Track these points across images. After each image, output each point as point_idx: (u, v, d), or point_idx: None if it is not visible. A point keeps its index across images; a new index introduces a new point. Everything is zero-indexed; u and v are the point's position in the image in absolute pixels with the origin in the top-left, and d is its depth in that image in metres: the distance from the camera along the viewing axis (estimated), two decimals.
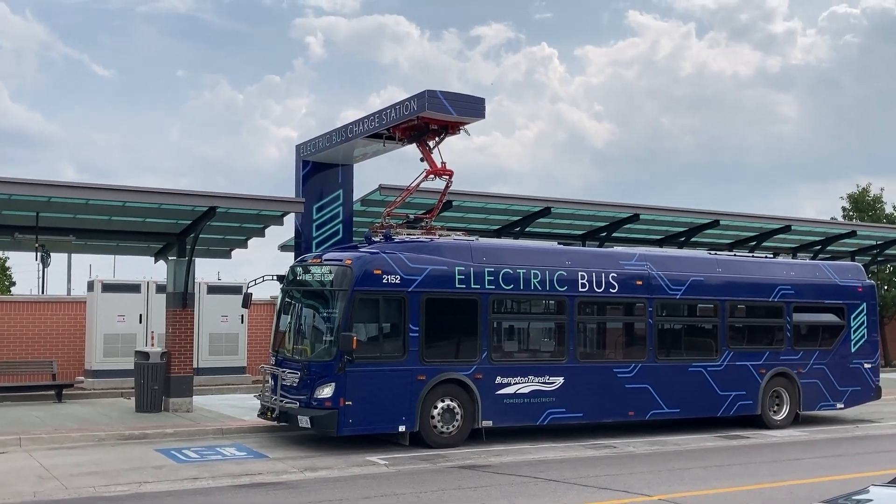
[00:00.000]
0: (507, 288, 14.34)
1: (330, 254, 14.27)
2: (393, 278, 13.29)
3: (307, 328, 14.05)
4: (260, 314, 23.95)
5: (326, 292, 13.52)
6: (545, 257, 15.01)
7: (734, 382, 16.42)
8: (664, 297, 15.92)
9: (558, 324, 14.99)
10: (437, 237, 14.51)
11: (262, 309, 23.99)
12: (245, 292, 15.28)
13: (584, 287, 15.03)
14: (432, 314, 13.54)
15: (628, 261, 15.81)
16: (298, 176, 18.17)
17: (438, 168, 15.07)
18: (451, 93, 14.63)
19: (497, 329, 14.42)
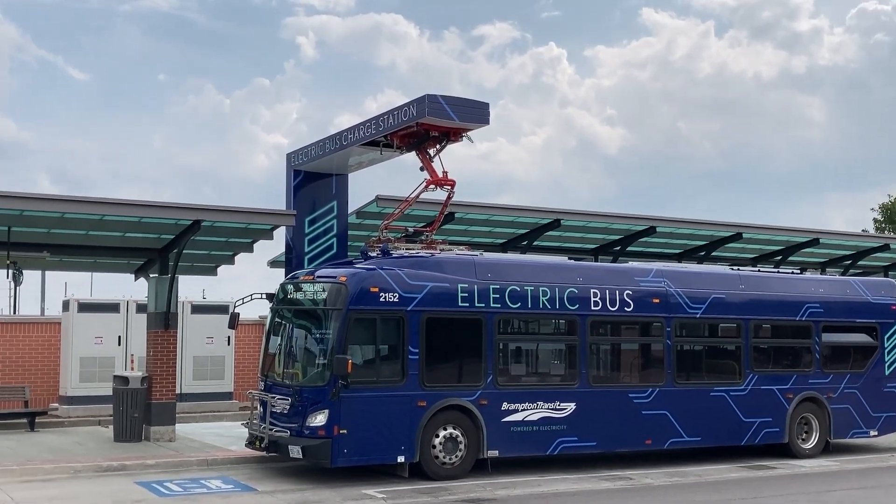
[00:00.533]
0: (514, 306, 14.35)
1: (323, 270, 14.30)
2: (391, 296, 13.31)
3: (299, 350, 14.06)
4: (248, 335, 23.96)
5: (319, 312, 13.54)
6: (555, 273, 15.02)
7: (759, 408, 16.40)
8: (683, 316, 15.92)
9: (569, 345, 14.99)
10: (438, 252, 14.53)
11: (251, 330, 24.00)
12: (232, 312, 15.30)
13: (597, 305, 15.04)
14: (433, 335, 13.55)
15: (644, 277, 15.82)
16: (289, 186, 18.22)
17: (439, 177, 15.12)
18: (452, 97, 14.68)
19: (503, 351, 14.42)
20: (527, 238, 21.17)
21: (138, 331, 20.48)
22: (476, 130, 15.11)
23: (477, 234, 21.18)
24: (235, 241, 18.60)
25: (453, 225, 19.54)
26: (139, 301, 21.19)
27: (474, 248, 15.63)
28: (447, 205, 15.67)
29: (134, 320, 21.39)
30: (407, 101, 14.92)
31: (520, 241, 21.37)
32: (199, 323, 22.35)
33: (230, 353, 22.73)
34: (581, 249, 22.88)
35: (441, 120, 14.56)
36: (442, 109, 14.46)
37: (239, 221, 16.89)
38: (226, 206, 16.61)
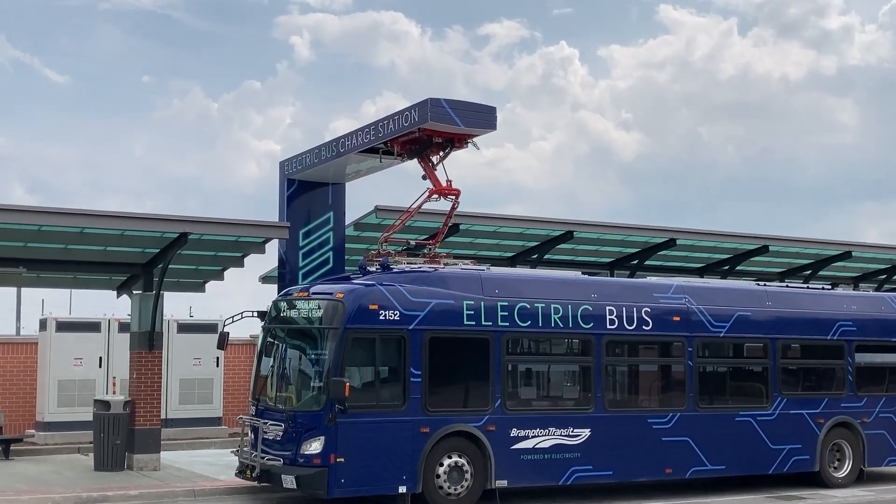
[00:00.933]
0: (524, 325, 14.25)
1: (319, 286, 14.22)
2: (391, 314, 13.22)
3: (292, 373, 13.97)
4: (238, 356, 23.86)
5: (314, 331, 13.45)
6: (567, 289, 14.93)
7: (788, 434, 16.27)
8: (706, 336, 15.81)
9: (583, 366, 14.88)
10: (442, 266, 14.45)
11: (241, 350, 23.90)
12: (221, 331, 15.22)
13: (613, 324, 14.93)
14: (437, 356, 13.45)
15: (664, 293, 15.73)
16: (282, 196, 18.16)
17: (443, 187, 15.05)
18: (456, 101, 14.62)
19: (512, 373, 14.32)
20: (537, 251, 21.08)
21: (121, 351, 20.37)
22: (482, 136, 15.05)
23: (483, 247, 21.09)
24: (224, 255, 18.51)
25: (458, 237, 19.46)
26: (121, 320, 21.11)
27: (480, 263, 15.53)
28: (451, 216, 15.59)
29: (116, 340, 21.31)
30: (408, 104, 14.88)
31: (529, 255, 21.27)
32: (186, 343, 22.26)
33: (219, 375, 22.63)
34: (595, 263, 22.77)
35: (444, 125, 14.50)
36: (445, 114, 14.40)
37: (228, 234, 16.82)
38: (214, 217, 16.53)
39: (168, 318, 21.50)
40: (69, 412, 20.71)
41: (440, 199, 15.21)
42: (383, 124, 15.41)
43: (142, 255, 17.63)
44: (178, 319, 22.64)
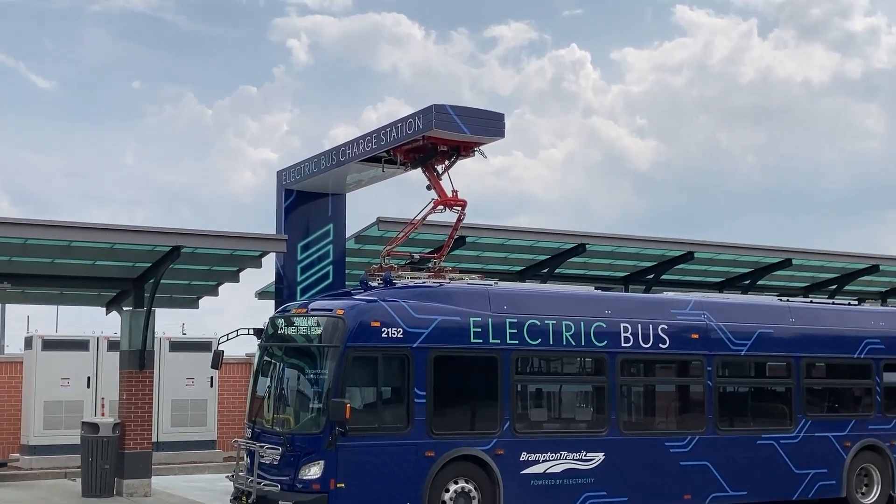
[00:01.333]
0: (534, 343, 14.29)
1: (318, 302, 14.27)
2: (394, 332, 13.26)
3: (290, 393, 14.00)
4: (233, 376, 23.92)
5: (313, 349, 13.49)
6: (579, 305, 14.97)
7: (813, 458, 16.26)
8: (726, 354, 15.84)
9: (597, 387, 14.91)
10: (447, 281, 14.50)
11: (236, 370, 23.97)
12: (215, 350, 15.25)
13: (628, 342, 14.97)
14: (442, 375, 13.48)
15: (681, 309, 15.76)
16: (280, 208, 18.24)
17: (449, 197, 15.11)
18: (463, 107, 14.70)
19: (522, 393, 14.35)
20: (547, 265, 21.12)
21: (110, 371, 20.45)
22: (490, 144, 15.11)
23: (491, 260, 21.14)
24: (219, 269, 18.60)
25: (464, 250, 19.51)
26: (111, 338, 21.19)
27: (488, 277, 15.59)
28: (457, 228, 15.64)
29: (105, 359, 21.37)
30: (411, 111, 14.94)
31: (539, 269, 21.31)
32: (179, 362, 22.32)
33: (213, 396, 22.68)
34: (609, 278, 22.80)
35: (450, 133, 14.58)
36: (451, 121, 14.47)
37: (223, 247, 16.90)
38: (208, 230, 16.62)
39: (160, 336, 21.57)
40: (56, 435, 20.77)
41: (445, 210, 15.26)
42: (386, 132, 15.48)
43: (132, 270, 17.72)
44: (171, 337, 22.71)
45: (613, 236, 20.89)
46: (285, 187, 18.17)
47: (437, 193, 15.19)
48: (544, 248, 20.59)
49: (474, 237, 18.95)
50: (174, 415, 22.25)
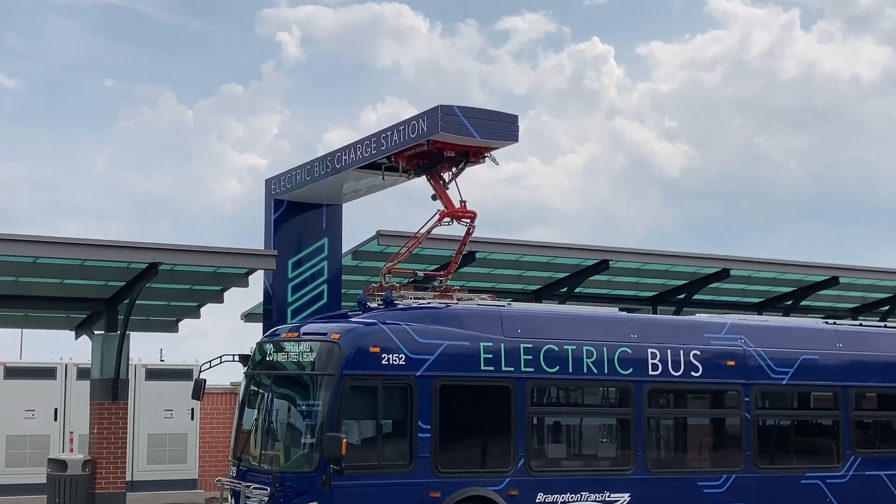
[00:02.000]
0: (551, 371, 14.24)
1: (311, 325, 14.24)
2: (396, 358, 13.22)
3: (280, 427, 13.97)
4: (216, 407, 23.88)
5: (306, 378, 13.46)
6: (602, 329, 14.92)
7: (863, 499, 16.17)
8: (766, 383, 15.76)
9: (621, 419, 14.85)
10: (455, 302, 14.48)
11: (220, 400, 23.92)
12: (196, 378, 15.22)
13: (656, 369, 14.91)
14: (449, 407, 13.43)
15: (716, 333, 15.70)
16: (269, 220, 18.26)
17: (456, 208, 15.10)
18: (472, 108, 14.72)
19: (538, 427, 14.29)
20: (566, 284, 21.10)
21: (79, 402, 20.44)
22: (502, 149, 15.12)
23: (504, 278, 21.12)
24: (201, 288, 18.60)
25: (474, 267, 19.50)
26: (80, 365, 21.17)
27: (500, 297, 15.54)
28: (466, 242, 15.63)
29: (74, 389, 21.35)
30: (415, 112, 14.98)
31: (557, 288, 21.29)
32: (156, 392, 22.29)
33: (194, 429, 22.64)
34: (635, 298, 22.78)
35: (458, 136, 14.59)
36: (459, 123, 14.48)
37: (206, 264, 16.91)
38: (189, 245, 16.65)
39: (135, 363, 21.55)
40: (19, 473, 20.72)
41: (452, 222, 15.25)
42: (386, 136, 15.50)
43: (104, 290, 17.73)
44: (147, 364, 22.70)
45: (640, 252, 20.88)
46: (275, 197, 18.19)
47: (443, 204, 15.17)
48: (563, 264, 20.57)
49: (485, 253, 18.93)
50: (151, 451, 22.20)
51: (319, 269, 18.19)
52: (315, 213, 18.22)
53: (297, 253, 18.09)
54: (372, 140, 15.81)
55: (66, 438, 21.09)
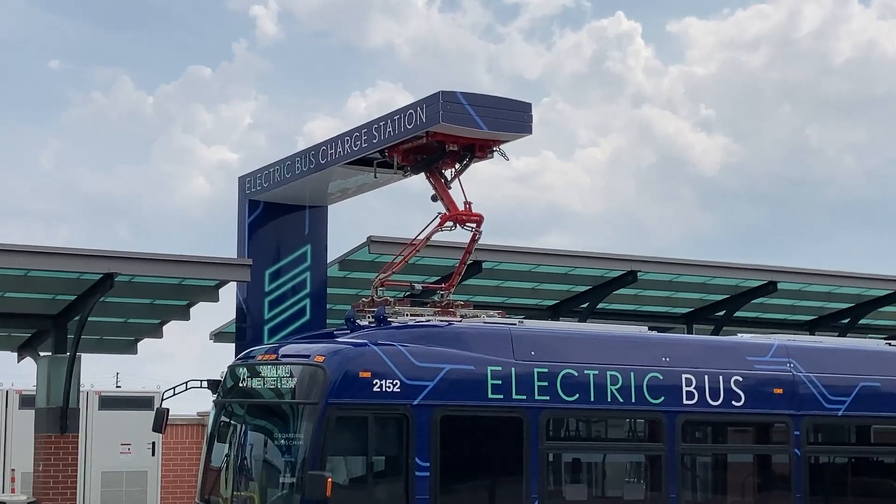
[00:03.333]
0: (570, 400, 14.22)
1: (291, 346, 14.24)
2: (389, 384, 13.20)
3: (255, 464, 13.95)
4: (181, 441, 23.89)
5: (285, 407, 13.45)
6: (629, 351, 14.92)
7: None
8: (819, 414, 15.75)
9: (651, 456, 14.83)
10: (458, 319, 14.47)
11: (186, 433, 23.94)
12: (158, 408, 15.21)
13: (692, 398, 14.89)
14: (452, 442, 13.41)
15: (761, 356, 15.69)
16: (242, 224, 18.26)
17: (460, 211, 15.10)
18: (477, 94, 14.74)
19: (554, 464, 14.28)
20: (587, 299, 21.10)
21: (22, 434, 20.44)
22: (512, 142, 15.11)
23: (515, 292, 21.12)
24: (164, 304, 18.61)
25: (480, 279, 19.50)
26: (23, 391, 21.17)
27: (511, 314, 15.55)
28: (471, 250, 15.62)
29: (16, 419, 21.36)
30: (412, 99, 15.01)
31: (577, 304, 21.29)
32: (111, 423, 22.30)
33: (155, 466, 22.64)
34: (667, 315, 22.77)
35: (462, 127, 14.62)
36: (463, 112, 14.50)
37: (169, 275, 16.92)
38: (150, 253, 16.64)
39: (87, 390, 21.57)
40: None
41: (456, 227, 15.27)
42: (379, 127, 15.50)
43: (52, 304, 17.73)
44: (101, 391, 22.70)
45: (672, 262, 20.88)
46: (249, 198, 18.19)
47: (444, 206, 15.17)
48: (583, 276, 20.56)
49: (493, 262, 18.93)
50: (105, 491, 22.21)
51: (301, 280, 18.19)
52: (296, 216, 18.23)
53: (276, 262, 18.09)
54: (362, 132, 15.82)
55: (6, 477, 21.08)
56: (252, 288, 17.86)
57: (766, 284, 21.21)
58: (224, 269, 17.14)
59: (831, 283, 21.84)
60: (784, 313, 23.51)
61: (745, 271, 21.10)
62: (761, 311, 23.07)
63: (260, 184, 17.98)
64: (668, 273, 20.76)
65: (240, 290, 18.20)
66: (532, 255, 19.61)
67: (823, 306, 23.27)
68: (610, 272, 20.32)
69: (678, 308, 22.85)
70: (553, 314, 21.42)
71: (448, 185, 15.31)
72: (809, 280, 21.60)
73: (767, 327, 22.25)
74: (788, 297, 22.29)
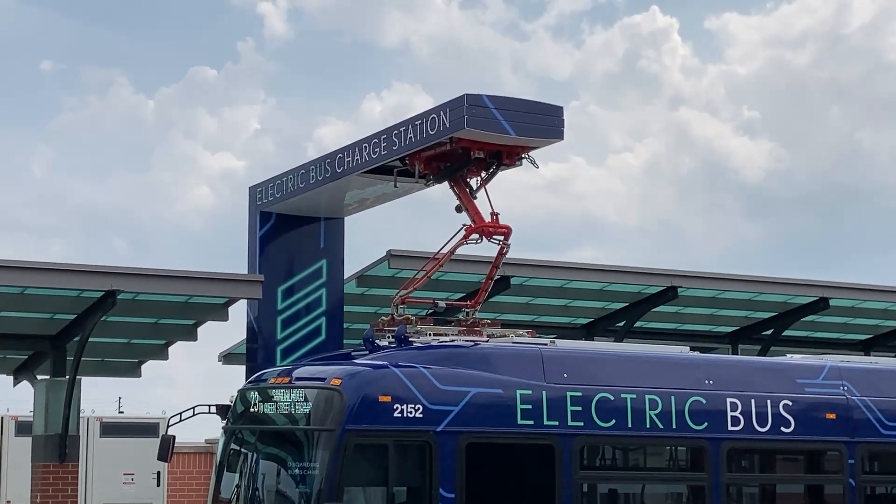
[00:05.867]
0: (606, 426, 14.18)
1: (305, 369, 14.26)
2: (411, 409, 13.19)
3: (267, 495, 13.95)
4: (188, 471, 23.94)
5: (299, 434, 13.45)
6: (670, 373, 14.88)
7: None
8: (875, 441, 15.68)
9: (694, 487, 14.79)
10: (485, 339, 14.46)
11: (193, 462, 23.98)
12: (164, 435, 15.24)
13: (737, 424, 14.84)
14: (478, 471, 13.39)
15: (812, 378, 15.65)
16: (253, 237, 18.29)
17: (486, 223, 15.09)
18: (504, 97, 14.77)
19: (589, 496, 14.22)
20: (624, 317, 21.06)
21: (18, 463, 20.50)
22: (542, 148, 15.10)
23: (546, 310, 21.11)
24: (169, 323, 18.63)
25: (508, 296, 19.48)
26: (20, 417, 21.24)
27: (542, 334, 15.51)
28: (498, 265, 15.61)
29: (12, 447, 21.44)
30: (432, 104, 15.03)
31: (613, 322, 21.26)
32: (113, 451, 22.36)
33: (160, 498, 22.69)
34: (710, 335, 22.72)
35: (488, 133, 14.63)
36: (489, 117, 14.51)
37: (174, 292, 16.95)
38: (153, 268, 16.66)
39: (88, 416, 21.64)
40: None
41: (482, 240, 15.26)
42: (399, 133, 15.51)
43: (50, 324, 17.77)
44: (103, 418, 22.78)
45: (715, 276, 20.84)
46: (261, 209, 18.21)
47: (469, 217, 15.17)
48: (619, 292, 20.53)
49: (522, 278, 18.92)
50: None
51: (316, 298, 18.20)
52: (311, 228, 18.25)
53: (289, 278, 18.11)
54: (381, 138, 15.83)
55: None
56: (264, 306, 17.87)
57: (818, 301, 21.14)
58: (233, 285, 17.16)
59: (888, 299, 21.75)
60: (837, 332, 23.41)
61: (795, 287, 21.04)
62: (812, 330, 22.98)
63: (272, 194, 18.00)
64: (711, 289, 20.72)
65: (250, 309, 18.21)
66: (564, 269, 19.59)
67: (879, 324, 23.18)
68: (648, 288, 20.28)
69: (722, 326, 22.77)
70: (587, 333, 21.39)
71: (473, 194, 15.29)
72: (864, 296, 21.53)
73: (819, 347, 22.16)
74: (841, 314, 22.20)
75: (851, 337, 23.78)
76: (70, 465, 17.38)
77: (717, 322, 22.60)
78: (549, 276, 19.36)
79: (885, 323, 23.10)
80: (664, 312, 21.35)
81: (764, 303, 21.50)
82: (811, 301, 21.20)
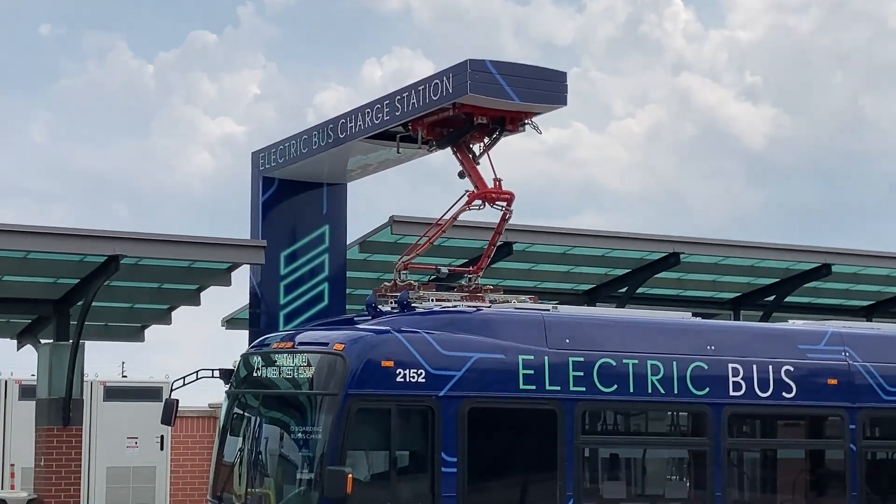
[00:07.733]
0: (607, 391, 14.20)
1: (308, 334, 14.28)
2: (414, 374, 13.22)
3: (270, 459, 14.00)
4: (192, 435, 23.97)
5: (302, 398, 13.49)
6: (671, 338, 14.89)
7: None
8: (876, 407, 15.70)
9: (695, 452, 14.83)
10: (487, 305, 14.48)
11: (196, 426, 24.02)
12: (167, 399, 15.29)
13: (739, 389, 14.86)
14: (480, 436, 13.43)
15: (813, 344, 15.65)
16: (256, 203, 18.27)
17: (489, 189, 15.08)
18: (507, 63, 14.74)
19: (590, 461, 14.29)
20: (626, 283, 21.06)
21: (22, 427, 20.55)
22: (545, 114, 15.09)
23: (548, 276, 21.11)
24: (172, 288, 18.65)
25: (511, 262, 19.48)
26: (24, 381, 21.27)
27: (544, 300, 15.53)
28: (500, 231, 15.60)
29: (16, 411, 21.46)
30: (434, 69, 15.03)
31: (614, 288, 21.26)
32: (117, 415, 22.38)
33: (164, 461, 22.73)
34: (712, 300, 22.72)
35: (492, 99, 14.60)
36: (493, 82, 14.48)
37: (177, 258, 16.96)
38: (156, 233, 16.68)
39: (91, 380, 21.66)
40: None
41: (484, 205, 15.26)
42: (402, 98, 15.48)
43: (53, 289, 17.79)
44: (106, 382, 22.78)
45: (717, 242, 20.83)
46: (263, 174, 18.19)
47: (472, 183, 15.15)
48: (622, 259, 20.53)
49: (524, 244, 18.91)
50: (111, 487, 22.30)
51: (319, 263, 18.21)
52: (313, 194, 18.23)
53: (292, 244, 18.11)
54: (384, 103, 15.80)
55: (5, 472, 21.20)
56: (266, 271, 17.88)
57: (820, 267, 21.13)
58: (236, 250, 17.16)
59: (890, 265, 21.74)
60: (839, 298, 23.41)
61: (797, 253, 21.02)
62: (814, 296, 22.98)
63: (274, 159, 17.98)
64: (714, 255, 20.71)
65: (253, 274, 18.22)
66: (566, 235, 19.57)
67: (881, 290, 23.17)
68: (650, 254, 20.27)
69: (724, 293, 22.77)
70: (589, 299, 21.39)
71: (476, 160, 15.28)
72: (866, 262, 21.51)
73: (821, 313, 22.17)
74: (843, 280, 22.20)
75: (853, 303, 23.78)
76: (74, 429, 17.43)
77: (719, 288, 22.60)
78: (551, 242, 19.35)
79: (888, 289, 23.09)
80: (666, 279, 21.35)
81: (766, 269, 21.48)
82: (813, 267, 21.19)
